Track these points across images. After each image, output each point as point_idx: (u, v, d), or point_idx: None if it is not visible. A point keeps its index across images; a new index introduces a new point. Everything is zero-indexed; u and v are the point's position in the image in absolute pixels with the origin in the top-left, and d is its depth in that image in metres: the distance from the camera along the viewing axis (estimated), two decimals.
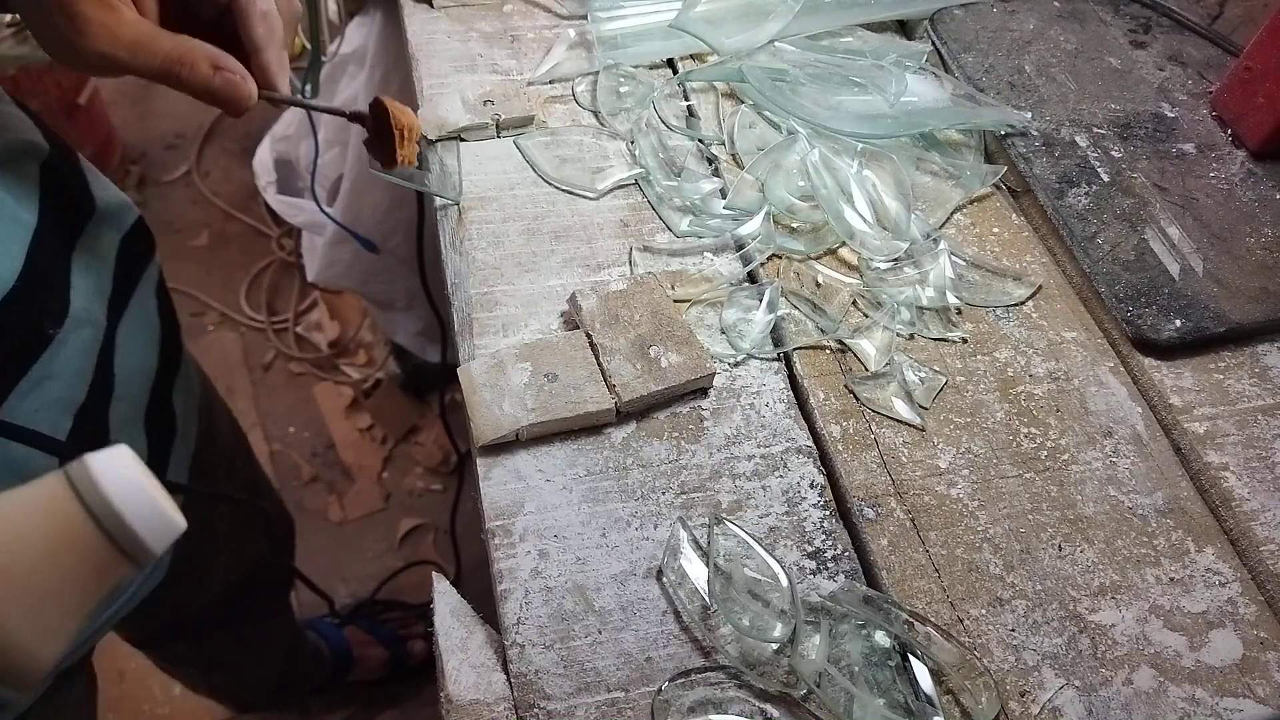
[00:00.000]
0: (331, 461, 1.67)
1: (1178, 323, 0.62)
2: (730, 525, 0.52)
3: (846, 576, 0.53)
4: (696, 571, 0.51)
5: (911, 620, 0.50)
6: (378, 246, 1.26)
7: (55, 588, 0.34)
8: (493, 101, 0.72)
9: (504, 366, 0.57)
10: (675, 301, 0.62)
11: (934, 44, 0.80)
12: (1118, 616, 0.52)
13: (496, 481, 0.54)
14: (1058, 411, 0.60)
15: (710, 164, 0.72)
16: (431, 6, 0.82)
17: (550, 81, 0.77)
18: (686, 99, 0.76)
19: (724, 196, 0.69)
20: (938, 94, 0.74)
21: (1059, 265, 0.69)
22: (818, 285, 0.65)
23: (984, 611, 0.52)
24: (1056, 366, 0.63)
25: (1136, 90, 0.77)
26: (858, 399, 0.60)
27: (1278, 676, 0.50)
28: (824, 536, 0.54)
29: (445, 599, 0.52)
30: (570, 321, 0.61)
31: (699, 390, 0.59)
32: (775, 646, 0.49)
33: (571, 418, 0.55)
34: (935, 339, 0.63)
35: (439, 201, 0.68)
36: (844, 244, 0.67)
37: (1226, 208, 0.69)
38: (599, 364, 0.57)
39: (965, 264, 0.67)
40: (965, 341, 0.64)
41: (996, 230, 0.71)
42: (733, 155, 0.72)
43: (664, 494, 0.55)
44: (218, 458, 0.85)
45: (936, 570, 0.53)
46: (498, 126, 0.72)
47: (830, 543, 0.54)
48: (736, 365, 0.61)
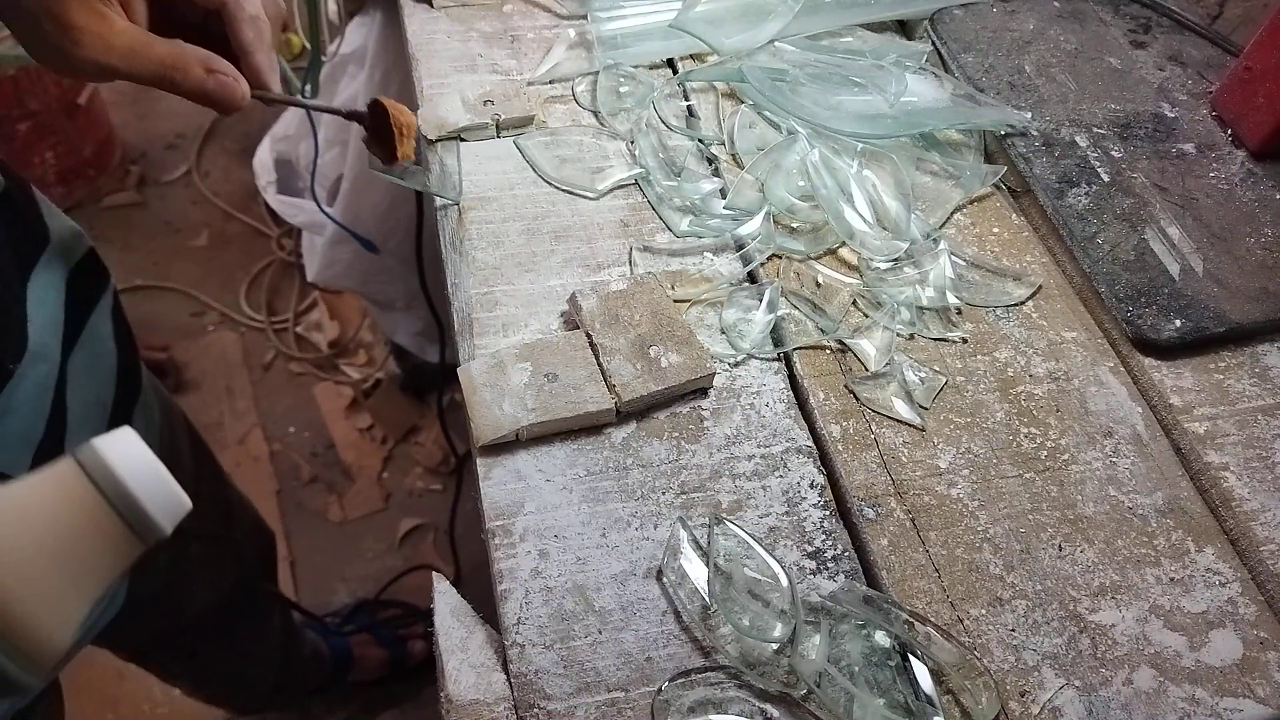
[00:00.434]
0: (331, 461, 1.67)
1: (1178, 323, 0.62)
2: (730, 525, 0.52)
3: (846, 576, 0.53)
4: (696, 571, 0.51)
5: (911, 620, 0.50)
6: (378, 246, 1.26)
7: (70, 569, 0.34)
8: (493, 101, 0.72)
9: (504, 366, 0.57)
10: (675, 301, 0.62)
11: (934, 44, 0.80)
12: (1118, 616, 0.52)
13: (496, 481, 0.54)
14: (1058, 411, 0.60)
15: (710, 164, 0.72)
16: (431, 6, 0.82)
17: (550, 81, 0.77)
18: (686, 99, 0.76)
19: (724, 196, 0.69)
20: (938, 94, 0.74)
21: (1059, 265, 0.69)
22: (818, 285, 0.65)
23: (984, 611, 0.52)
24: (1056, 366, 0.63)
25: (1136, 90, 0.77)
26: (858, 399, 0.60)
27: (1278, 676, 0.50)
28: (824, 536, 0.54)
29: (445, 599, 0.52)
30: (570, 321, 0.61)
31: (699, 390, 0.59)
32: (775, 646, 0.49)
33: (571, 418, 0.55)
34: (935, 339, 0.63)
35: (439, 201, 0.68)
36: (844, 244, 0.67)
37: (1226, 208, 0.69)
38: (599, 364, 0.57)
39: (965, 264, 0.67)
40: (965, 341, 0.63)
41: (996, 230, 0.71)
42: (733, 155, 0.72)
43: (664, 494, 0.55)
44: (183, 479, 0.83)
45: (936, 570, 0.53)
46: (498, 126, 0.72)
47: (830, 543, 0.54)
48: (736, 365, 0.61)
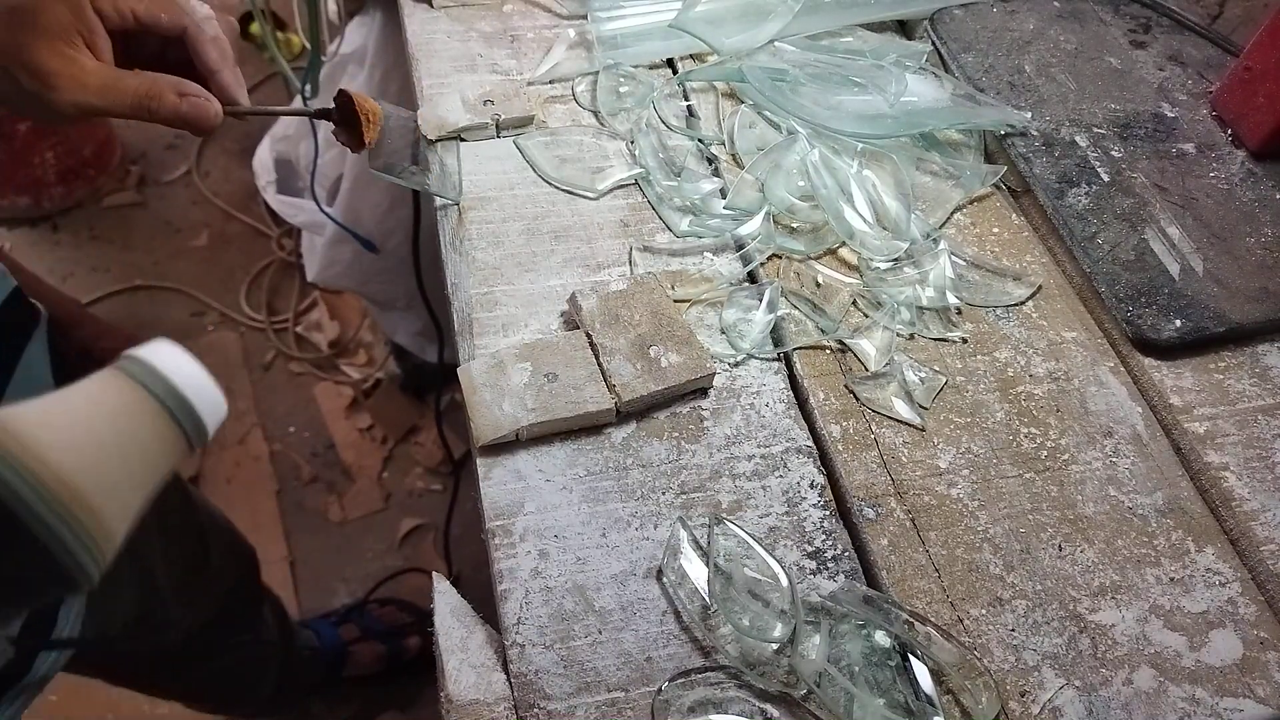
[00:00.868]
0: (331, 461, 1.67)
1: (1178, 323, 0.62)
2: (730, 525, 0.52)
3: (846, 576, 0.53)
4: (696, 571, 0.51)
5: (911, 620, 0.50)
6: (378, 246, 1.26)
7: (128, 466, 0.35)
8: (493, 101, 0.72)
9: (504, 366, 0.57)
10: (675, 301, 0.62)
11: (934, 44, 0.80)
12: (1118, 616, 0.52)
13: (496, 481, 0.54)
14: (1058, 411, 0.60)
15: (710, 164, 0.72)
16: (431, 6, 0.82)
17: (550, 81, 0.77)
18: (686, 99, 0.76)
19: (724, 196, 0.69)
20: (938, 94, 0.74)
21: (1059, 265, 0.69)
22: (818, 285, 0.65)
23: (984, 611, 0.52)
24: (1056, 366, 0.63)
25: (1136, 90, 0.77)
26: (858, 399, 0.60)
27: (1278, 676, 0.50)
28: (824, 536, 0.54)
29: (445, 599, 0.52)
30: (570, 321, 0.61)
31: (699, 390, 0.59)
32: (775, 646, 0.49)
33: (571, 418, 0.55)
34: (935, 339, 0.63)
35: (439, 201, 0.68)
36: (844, 244, 0.67)
37: (1226, 208, 0.69)
38: (599, 364, 0.57)
39: (965, 264, 0.67)
40: (965, 341, 0.63)
41: (996, 230, 0.71)
42: (733, 155, 0.72)
43: (664, 494, 0.55)
44: (147, 518, 0.82)
45: (936, 570, 0.53)
46: (498, 126, 0.72)
47: (830, 543, 0.54)
48: (736, 365, 0.61)
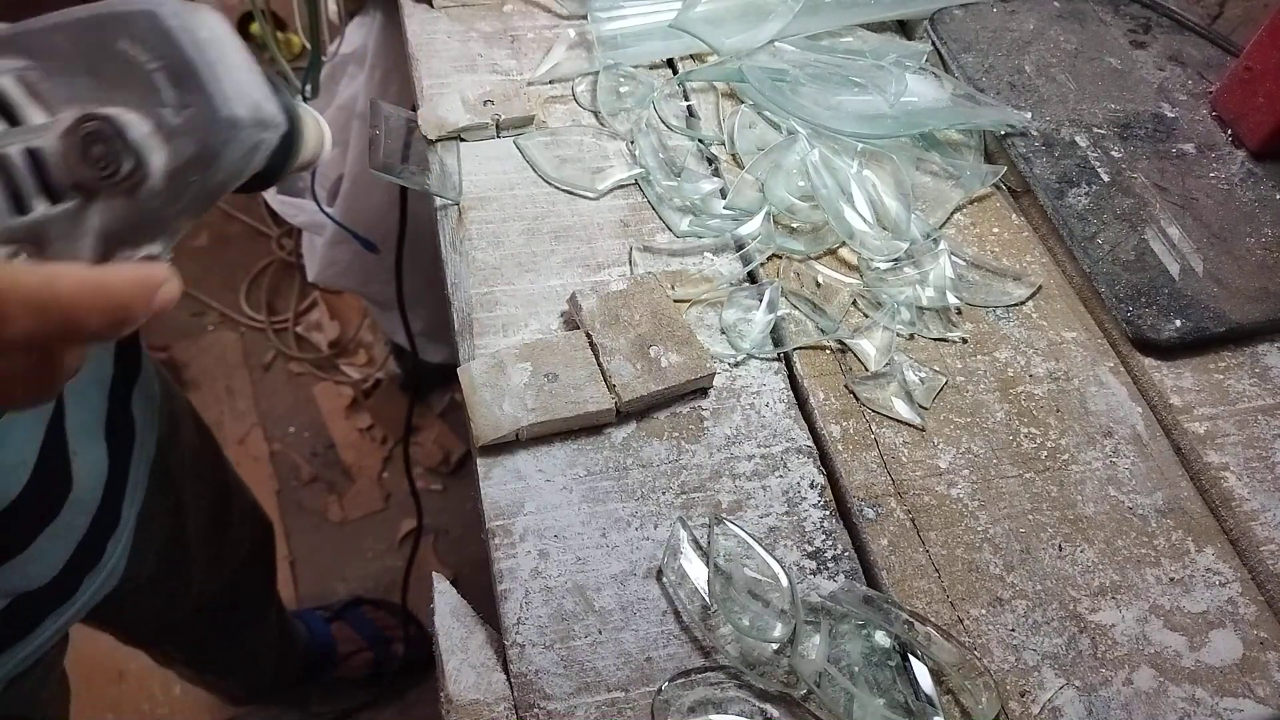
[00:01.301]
0: (331, 461, 1.67)
1: (1178, 323, 0.62)
2: (730, 525, 0.52)
3: (846, 576, 0.53)
4: (696, 571, 0.51)
5: (911, 620, 0.50)
6: (378, 246, 1.26)
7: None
8: (493, 101, 0.72)
9: (504, 366, 0.57)
10: (675, 301, 0.62)
11: (934, 44, 0.80)
12: (1118, 616, 0.52)
13: (496, 481, 0.54)
14: (1058, 411, 0.60)
15: (710, 164, 0.72)
16: (431, 6, 0.82)
17: (550, 81, 0.77)
18: (686, 99, 0.76)
19: (724, 196, 0.69)
20: (938, 94, 0.74)
21: (1059, 265, 0.69)
22: (818, 285, 0.65)
23: (984, 611, 0.52)
24: (1056, 366, 0.63)
25: (1136, 90, 0.77)
26: (858, 399, 0.60)
27: (1278, 676, 0.50)
28: (824, 536, 0.54)
29: (445, 599, 0.52)
30: (570, 321, 0.61)
31: (699, 390, 0.59)
32: (775, 646, 0.49)
33: (571, 418, 0.55)
34: (935, 339, 0.63)
35: (439, 201, 0.68)
36: (844, 244, 0.67)
37: (1226, 208, 0.69)
38: (599, 364, 0.57)
39: (965, 264, 0.67)
40: (965, 341, 0.63)
41: (996, 230, 0.71)
42: (733, 155, 0.72)
43: (664, 494, 0.55)
44: (183, 459, 0.85)
45: (936, 570, 0.53)
46: (498, 126, 0.72)
47: (830, 543, 0.54)
48: (736, 365, 0.61)
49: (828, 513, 0.55)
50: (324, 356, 1.79)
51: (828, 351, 0.62)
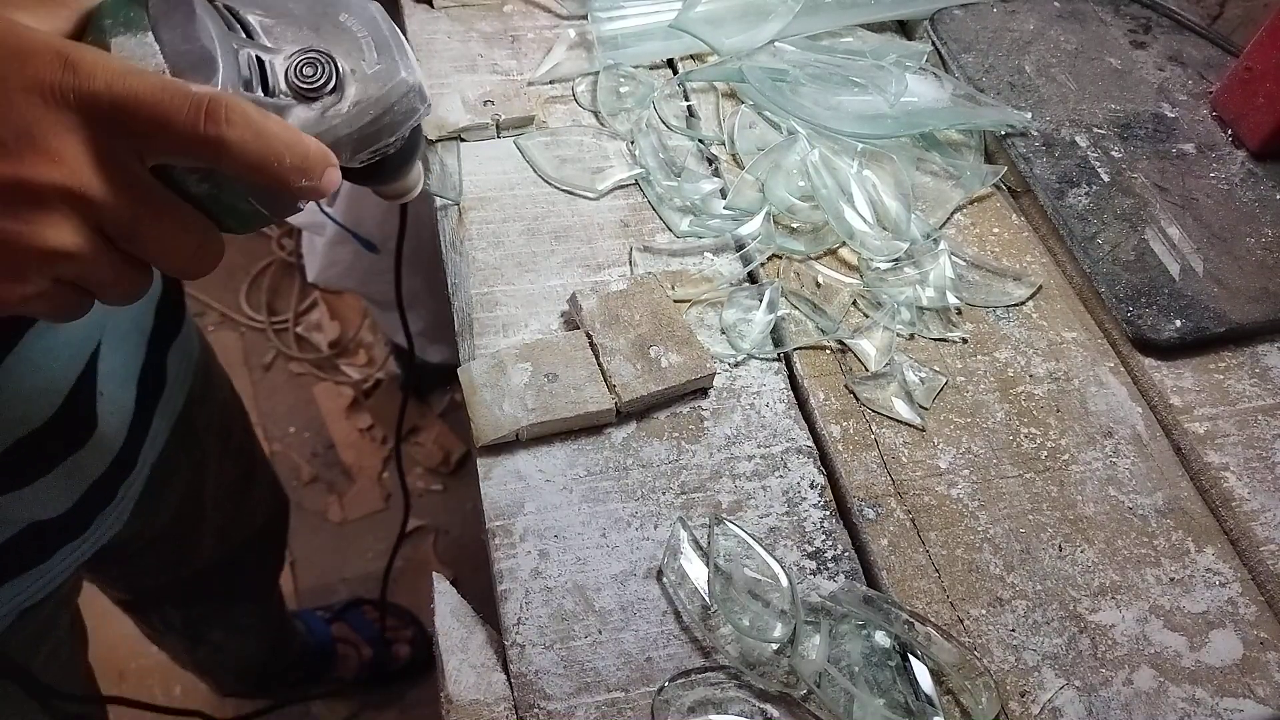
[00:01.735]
0: (331, 461, 1.67)
1: (1178, 323, 0.62)
2: (730, 525, 0.52)
3: (846, 576, 0.53)
4: (696, 571, 0.51)
5: (911, 620, 0.50)
6: (378, 246, 1.26)
7: None
8: (493, 101, 0.72)
9: (504, 366, 0.57)
10: (675, 301, 0.62)
11: (934, 44, 0.80)
12: (1118, 616, 0.52)
13: (496, 481, 0.54)
14: (1058, 411, 0.60)
15: (710, 164, 0.72)
16: (431, 6, 0.82)
17: (550, 81, 0.77)
18: (686, 99, 0.76)
19: (724, 196, 0.69)
20: (938, 94, 0.74)
21: (1059, 265, 0.69)
22: (818, 285, 0.65)
23: (984, 611, 0.52)
24: (1056, 366, 0.63)
25: (1136, 90, 0.77)
26: (858, 399, 0.60)
27: (1278, 676, 0.50)
28: (824, 536, 0.54)
29: (445, 599, 0.52)
30: (570, 321, 0.61)
31: (699, 390, 0.59)
32: (775, 646, 0.49)
33: (571, 418, 0.55)
34: (935, 339, 0.63)
35: (439, 201, 0.68)
36: (844, 244, 0.67)
37: (1226, 208, 0.69)
38: (599, 364, 0.57)
39: (965, 264, 0.67)
40: (965, 341, 0.63)
41: (996, 230, 0.71)
42: (733, 155, 0.72)
43: (664, 494, 0.55)
44: (211, 422, 0.86)
45: (936, 570, 0.53)
46: (498, 126, 0.72)
47: (830, 543, 0.54)
48: (736, 365, 0.61)
49: (828, 513, 0.55)
50: (324, 356, 1.79)
51: (828, 351, 0.62)
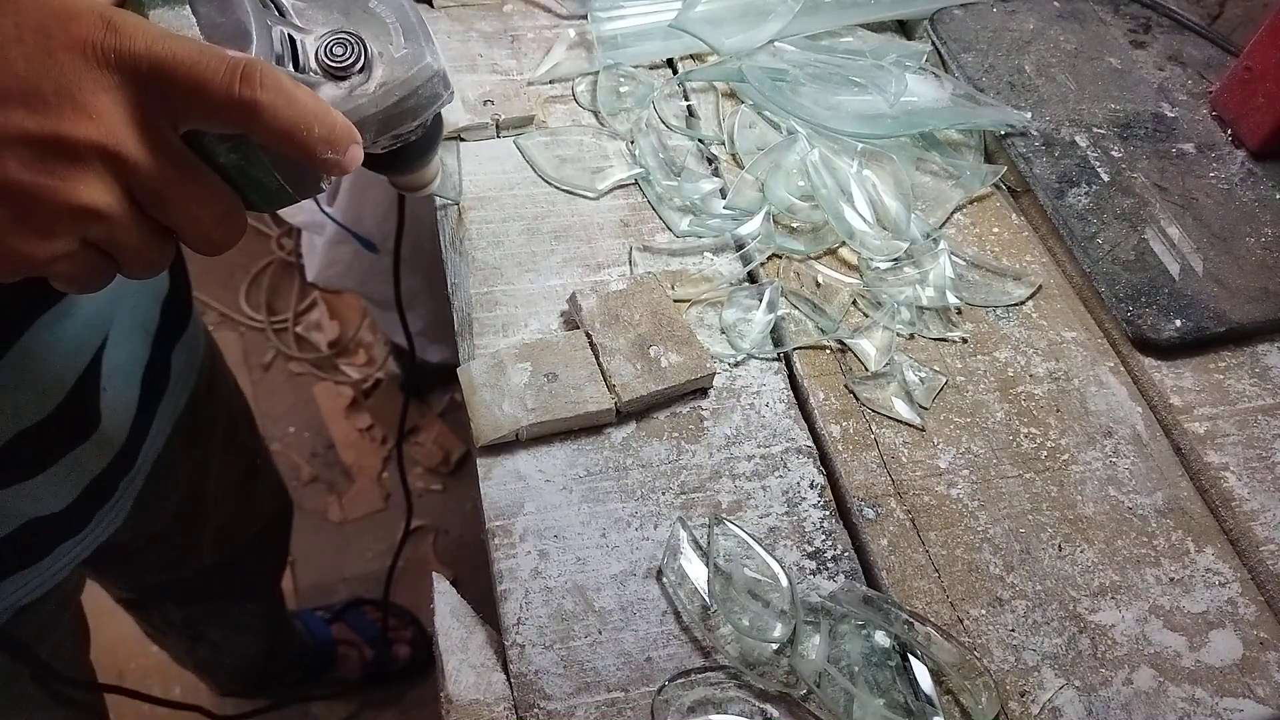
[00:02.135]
0: (331, 461, 1.67)
1: (1178, 323, 0.62)
2: (730, 525, 0.52)
3: (846, 576, 0.53)
4: (696, 571, 0.51)
5: (911, 620, 0.50)
6: (377, 246, 1.26)
7: None
8: (493, 101, 0.72)
9: (504, 366, 0.57)
10: (675, 301, 0.62)
11: (934, 44, 0.80)
12: (1118, 616, 0.52)
13: (496, 481, 0.54)
14: (1058, 411, 0.60)
15: (710, 164, 0.72)
16: (431, 6, 0.82)
17: (550, 81, 0.77)
18: (686, 99, 0.76)
19: (724, 196, 0.69)
20: (938, 94, 0.74)
21: (1059, 265, 0.69)
22: (818, 285, 0.65)
23: (984, 611, 0.52)
24: (1056, 366, 0.63)
25: (1136, 90, 0.77)
26: (858, 399, 0.60)
27: (1278, 676, 0.50)
28: (824, 536, 0.54)
29: (445, 599, 0.52)
30: (570, 321, 0.61)
31: (699, 390, 0.59)
32: (775, 646, 0.49)
33: (571, 418, 0.55)
34: (935, 339, 0.63)
35: (439, 201, 0.68)
36: (844, 244, 0.67)
37: (1226, 208, 0.69)
38: (599, 364, 0.57)
39: (965, 264, 0.67)
40: (965, 341, 0.63)
41: (996, 230, 0.71)
42: (733, 155, 0.72)
43: (664, 494, 0.55)
44: (215, 421, 0.86)
45: (936, 570, 0.53)
46: (498, 126, 0.72)
47: (830, 543, 0.54)
48: (736, 365, 0.61)
49: (828, 513, 0.55)
50: (324, 356, 1.79)
51: (828, 351, 0.62)
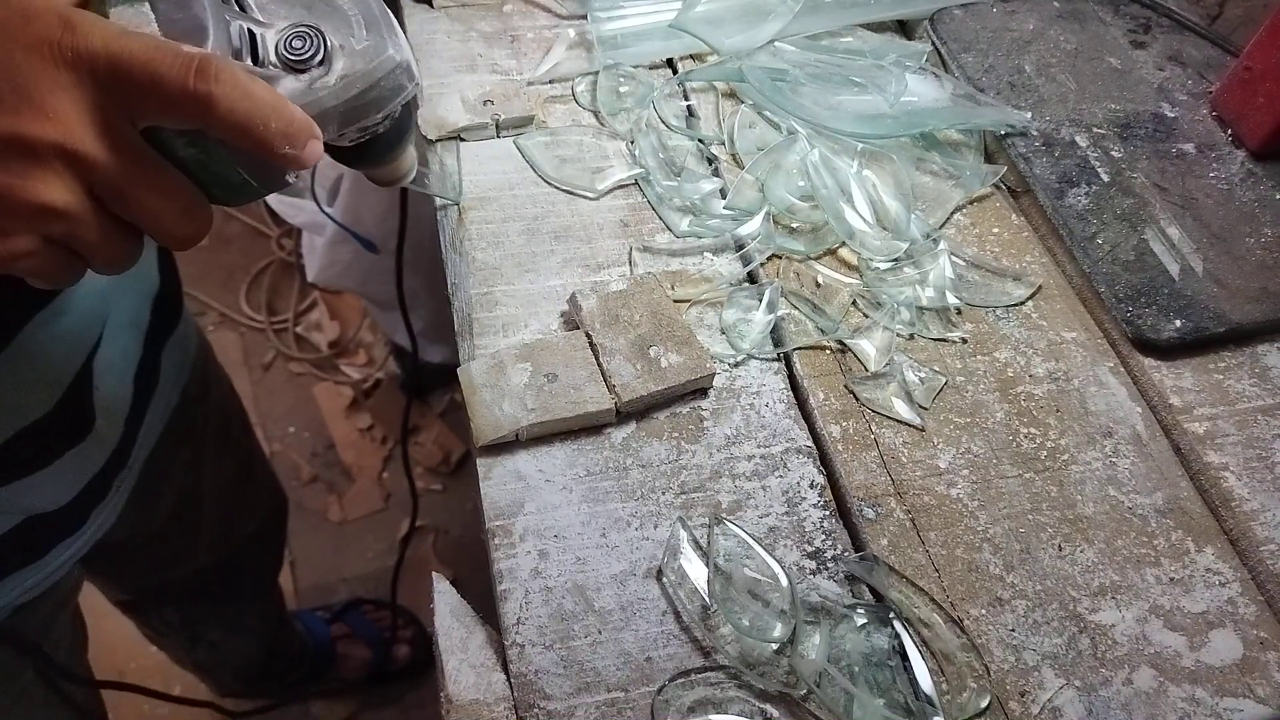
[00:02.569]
0: (331, 461, 1.67)
1: (1178, 323, 0.62)
2: (730, 525, 0.52)
3: (846, 577, 0.53)
4: (696, 571, 0.51)
5: (913, 595, 0.50)
6: (377, 246, 1.26)
7: None
8: (493, 101, 0.72)
9: (504, 366, 0.57)
10: (675, 301, 0.62)
11: (934, 44, 0.80)
12: (1118, 616, 0.52)
13: (496, 481, 0.54)
14: (1058, 411, 0.60)
15: (710, 164, 0.72)
16: (431, 6, 0.82)
17: (550, 81, 0.77)
18: (686, 99, 0.76)
19: (724, 196, 0.69)
20: (938, 94, 0.74)
21: (1059, 265, 0.69)
22: (818, 285, 0.65)
23: (984, 611, 0.52)
24: (1056, 366, 0.63)
25: (1136, 90, 0.77)
26: (858, 399, 0.60)
27: (1278, 676, 0.50)
28: (824, 536, 0.54)
29: (445, 599, 0.52)
30: (570, 321, 0.61)
31: (699, 390, 0.59)
32: (775, 646, 0.49)
33: (571, 418, 0.55)
34: (935, 339, 0.63)
35: (439, 201, 0.68)
36: (844, 244, 0.67)
37: (1226, 208, 0.69)
38: (599, 364, 0.57)
39: (965, 264, 0.67)
40: (965, 341, 0.63)
41: (996, 230, 0.71)
42: (733, 155, 0.72)
43: (664, 494, 0.55)
44: (208, 419, 0.87)
45: (936, 570, 0.53)
46: (498, 126, 0.72)
47: (830, 543, 0.54)
48: (736, 365, 0.61)
49: (828, 513, 0.55)
50: (324, 356, 1.79)
51: (828, 351, 0.62)
